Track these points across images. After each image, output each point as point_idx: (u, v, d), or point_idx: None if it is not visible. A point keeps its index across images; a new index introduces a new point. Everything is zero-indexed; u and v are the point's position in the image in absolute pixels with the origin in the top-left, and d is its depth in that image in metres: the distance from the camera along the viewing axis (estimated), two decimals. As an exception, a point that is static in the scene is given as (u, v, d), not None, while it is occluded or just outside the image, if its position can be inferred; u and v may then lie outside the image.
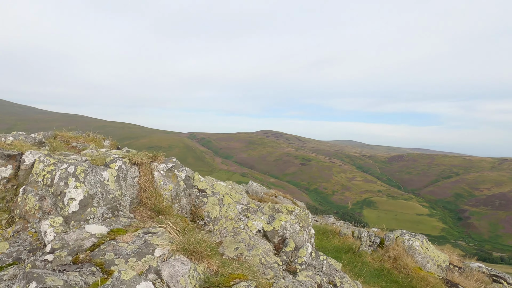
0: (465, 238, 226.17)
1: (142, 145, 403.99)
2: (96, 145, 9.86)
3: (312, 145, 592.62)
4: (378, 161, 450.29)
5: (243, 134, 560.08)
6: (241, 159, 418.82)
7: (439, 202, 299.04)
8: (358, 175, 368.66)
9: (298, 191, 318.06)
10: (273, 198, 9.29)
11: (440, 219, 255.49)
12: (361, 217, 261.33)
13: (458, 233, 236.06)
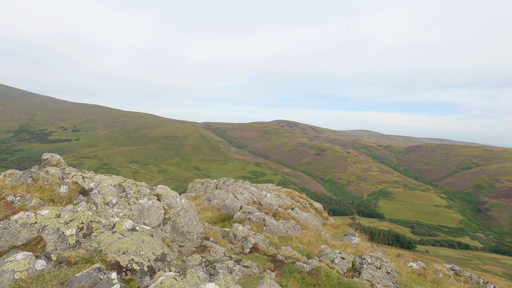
0: (484, 230, 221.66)
1: (157, 135, 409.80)
2: (45, 195, 6.48)
3: (327, 135, 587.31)
4: (395, 152, 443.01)
5: (258, 124, 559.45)
6: (255, 149, 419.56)
7: (457, 193, 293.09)
8: (374, 166, 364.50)
9: (313, 181, 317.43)
10: (289, 212, 9.17)
11: (459, 211, 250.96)
12: (377, 208, 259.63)
13: (477, 225, 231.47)
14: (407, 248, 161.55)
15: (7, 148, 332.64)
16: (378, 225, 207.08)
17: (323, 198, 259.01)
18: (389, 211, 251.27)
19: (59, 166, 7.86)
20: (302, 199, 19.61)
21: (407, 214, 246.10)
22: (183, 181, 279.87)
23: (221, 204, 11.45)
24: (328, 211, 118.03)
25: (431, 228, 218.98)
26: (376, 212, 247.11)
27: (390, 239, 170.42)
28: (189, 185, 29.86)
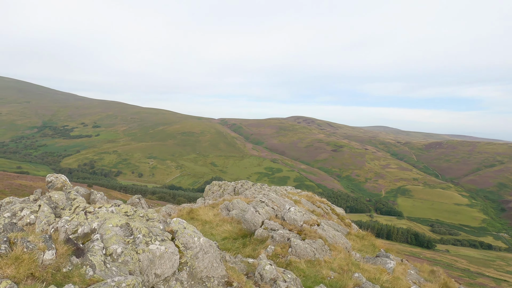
0: (509, 230, 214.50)
1: (175, 131, 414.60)
2: (22, 270, 4.71)
3: (344, 131, 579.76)
4: (414, 148, 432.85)
5: (274, 120, 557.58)
6: (271, 145, 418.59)
7: (480, 192, 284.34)
8: (393, 163, 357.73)
9: (329, 177, 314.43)
10: (315, 230, 8.49)
11: (481, 210, 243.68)
12: (395, 205, 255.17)
13: (500, 224, 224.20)
14: (427, 247, 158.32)
15: (32, 144, 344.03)
16: (396, 223, 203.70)
17: (339, 195, 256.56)
18: (408, 209, 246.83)
19: (64, 189, 6.77)
20: (323, 204, 18.96)
21: (426, 212, 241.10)
22: (199, 177, 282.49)
23: (240, 215, 11.02)
24: (345, 208, 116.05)
25: (451, 227, 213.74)
26: (394, 210, 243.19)
27: (409, 237, 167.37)
28: (207, 187, 29.59)
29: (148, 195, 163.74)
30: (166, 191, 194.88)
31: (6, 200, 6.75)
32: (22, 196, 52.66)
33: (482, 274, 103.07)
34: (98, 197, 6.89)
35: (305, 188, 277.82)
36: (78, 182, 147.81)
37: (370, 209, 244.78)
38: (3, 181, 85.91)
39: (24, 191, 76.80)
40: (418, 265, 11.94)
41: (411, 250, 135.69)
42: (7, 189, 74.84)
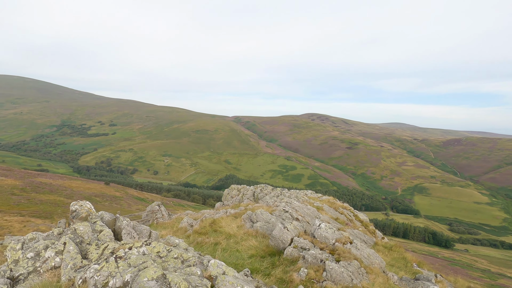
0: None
1: (189, 129, 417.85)
2: None
3: (359, 128, 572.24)
4: (431, 145, 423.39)
5: (288, 117, 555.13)
6: (285, 143, 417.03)
7: (501, 190, 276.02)
8: (409, 160, 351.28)
9: (344, 175, 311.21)
10: (349, 249, 7.94)
11: (502, 208, 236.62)
12: (412, 204, 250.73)
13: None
14: (445, 246, 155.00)
15: (51, 142, 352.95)
16: (413, 221, 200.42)
17: (354, 193, 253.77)
18: (425, 208, 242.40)
19: (90, 219, 6.52)
20: (346, 210, 18.38)
21: (444, 211, 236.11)
22: (214, 174, 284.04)
23: (265, 227, 10.64)
24: (360, 207, 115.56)
25: (471, 226, 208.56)
26: (411, 208, 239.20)
27: (426, 236, 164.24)
28: (225, 191, 29.30)
29: (164, 193, 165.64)
30: (181, 188, 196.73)
31: (29, 237, 6.31)
32: (42, 193, 53.79)
33: (504, 275, 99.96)
34: (124, 224, 6.45)
35: (319, 185, 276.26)
36: (96, 180, 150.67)
37: (386, 207, 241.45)
38: (24, 179, 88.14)
39: (44, 189, 78.64)
40: (451, 279, 11.31)
41: (429, 250, 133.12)
42: (28, 187, 76.71)
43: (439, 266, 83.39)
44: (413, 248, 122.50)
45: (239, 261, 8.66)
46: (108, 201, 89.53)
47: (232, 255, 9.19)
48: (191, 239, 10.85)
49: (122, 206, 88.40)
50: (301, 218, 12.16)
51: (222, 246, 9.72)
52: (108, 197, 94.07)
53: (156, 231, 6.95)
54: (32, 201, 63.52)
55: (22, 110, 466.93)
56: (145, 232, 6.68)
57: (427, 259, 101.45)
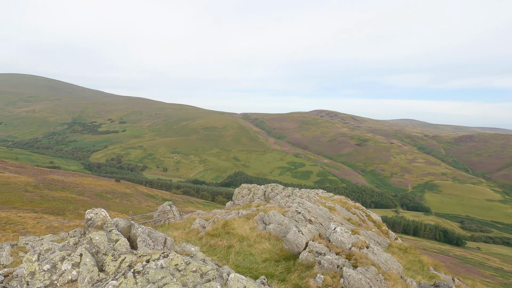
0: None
1: (198, 126, 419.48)
2: None
3: (368, 124, 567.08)
4: (442, 142, 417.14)
5: (296, 114, 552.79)
6: (294, 139, 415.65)
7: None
8: (420, 157, 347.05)
9: (353, 172, 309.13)
10: (366, 254, 7.69)
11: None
12: (422, 201, 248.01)
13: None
14: (456, 244, 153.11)
15: (63, 139, 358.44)
16: (423, 219, 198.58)
17: (364, 190, 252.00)
18: (436, 205, 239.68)
19: (105, 227, 6.46)
20: (358, 210, 18.11)
21: (456, 208, 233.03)
22: (222, 171, 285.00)
23: (278, 229, 10.51)
24: (369, 204, 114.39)
25: (483, 224, 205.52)
26: (421, 205, 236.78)
27: (437, 234, 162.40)
28: (236, 190, 29.21)
29: (173, 190, 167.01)
30: (190, 185, 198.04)
31: (45, 248, 6.21)
32: (54, 190, 54.54)
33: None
34: (139, 232, 6.32)
35: (328, 182, 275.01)
36: (106, 177, 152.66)
37: (395, 204, 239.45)
38: (37, 176, 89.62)
39: (56, 186, 79.83)
40: (469, 282, 11.02)
41: (440, 247, 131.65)
42: (41, 184, 77.95)
43: (451, 264, 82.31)
44: (423, 246, 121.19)
45: (253, 266, 8.55)
46: (119, 198, 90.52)
47: (246, 259, 9.10)
48: (203, 241, 10.81)
49: (132, 203, 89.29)
50: (314, 220, 11.99)
51: (235, 250, 9.63)
52: (119, 194, 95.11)
53: (171, 238, 6.81)
54: (45, 198, 64.56)
55: (34, 108, 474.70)
56: (160, 240, 6.59)
57: (438, 257, 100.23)
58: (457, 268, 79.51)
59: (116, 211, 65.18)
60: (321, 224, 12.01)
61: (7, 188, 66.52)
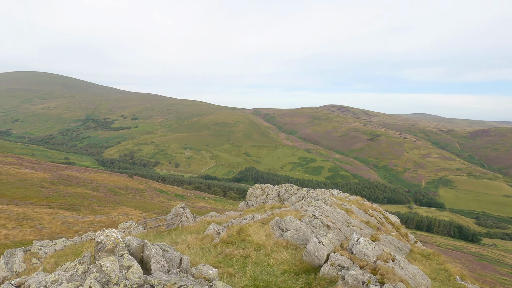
0: None
1: (209, 122, 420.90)
2: None
3: (381, 119, 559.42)
4: (457, 136, 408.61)
5: (308, 109, 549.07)
6: (305, 135, 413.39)
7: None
8: (434, 152, 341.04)
9: (366, 167, 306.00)
10: (392, 268, 7.17)
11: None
12: (436, 196, 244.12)
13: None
14: (471, 241, 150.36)
15: (77, 136, 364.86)
16: (437, 215, 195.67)
17: (376, 186, 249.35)
18: (450, 201, 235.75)
19: (116, 251, 6.05)
20: (376, 212, 17.55)
21: (471, 204, 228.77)
22: (234, 167, 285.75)
23: (295, 237, 10.13)
24: (382, 200, 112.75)
25: (499, 220, 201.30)
26: (435, 201, 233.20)
27: (452, 230, 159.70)
28: (249, 190, 28.89)
29: (185, 185, 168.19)
30: (201, 181, 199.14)
31: (52, 279, 5.76)
32: (69, 186, 55.30)
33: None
34: (153, 253, 5.85)
35: (339, 178, 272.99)
36: (119, 173, 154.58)
37: (409, 200, 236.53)
38: (52, 172, 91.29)
39: (71, 182, 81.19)
40: None
41: (454, 244, 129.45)
42: (56, 180, 79.35)
43: (466, 261, 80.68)
44: (438, 242, 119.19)
45: (271, 279, 8.16)
46: (132, 194, 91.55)
47: (264, 270, 8.68)
48: (219, 249, 10.50)
49: (145, 198, 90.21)
50: (332, 225, 11.57)
51: (252, 260, 9.21)
52: (132, 190, 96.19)
53: (187, 258, 6.38)
54: (60, 194, 65.67)
55: (49, 105, 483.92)
56: (175, 260, 6.27)
57: (453, 254, 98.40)
58: (472, 265, 77.91)
59: (130, 206, 65.93)
60: (339, 230, 11.58)
61: (24, 184, 67.94)
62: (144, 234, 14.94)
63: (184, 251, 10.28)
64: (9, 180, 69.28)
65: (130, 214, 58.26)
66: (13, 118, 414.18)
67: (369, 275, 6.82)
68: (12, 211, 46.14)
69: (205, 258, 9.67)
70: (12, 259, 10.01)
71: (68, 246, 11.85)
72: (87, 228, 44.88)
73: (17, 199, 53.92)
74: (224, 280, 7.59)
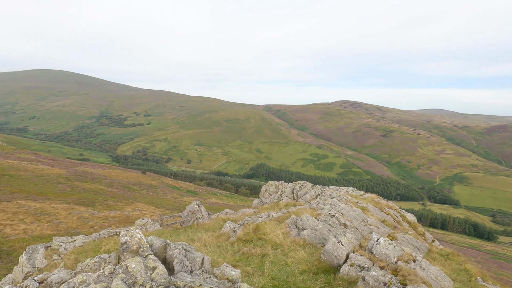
0: None
1: (220, 118, 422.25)
2: None
3: (394, 115, 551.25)
4: (473, 132, 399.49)
5: (319, 105, 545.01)
6: (317, 131, 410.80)
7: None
8: (449, 148, 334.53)
9: (378, 164, 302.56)
10: (414, 270, 7.00)
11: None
12: (451, 194, 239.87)
13: None
14: (487, 239, 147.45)
15: (91, 132, 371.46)
16: (452, 212, 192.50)
17: (389, 182, 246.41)
18: (465, 198, 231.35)
19: (141, 251, 6.13)
20: (392, 211, 17.30)
21: (487, 201, 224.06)
22: (245, 163, 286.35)
23: (312, 236, 10.06)
24: (395, 196, 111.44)
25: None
26: (450, 198, 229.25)
27: (467, 228, 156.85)
28: (263, 188, 28.86)
29: (197, 181, 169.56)
30: (213, 177, 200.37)
31: (80, 280, 5.87)
32: (84, 181, 56.46)
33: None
34: (176, 253, 5.90)
35: (351, 174, 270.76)
36: (133, 169, 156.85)
37: (422, 197, 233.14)
38: (68, 168, 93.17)
39: (86, 178, 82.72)
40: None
41: (470, 242, 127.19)
42: (72, 176, 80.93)
43: (482, 260, 79.10)
44: (452, 240, 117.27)
45: (290, 278, 8.11)
46: (145, 190, 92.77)
47: (282, 269, 8.63)
48: (235, 247, 10.52)
49: (158, 194, 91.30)
50: (349, 224, 11.46)
51: (270, 259, 9.17)
52: (145, 186, 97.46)
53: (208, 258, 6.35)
54: (76, 189, 67.02)
55: (64, 102, 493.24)
56: (197, 260, 6.32)
57: (468, 252, 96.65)
58: (488, 264, 76.36)
59: (143, 202, 66.85)
60: (356, 229, 11.47)
61: (41, 180, 69.58)
62: (161, 231, 15.13)
63: (201, 249, 10.35)
64: (27, 176, 71.04)
65: (143, 209, 59.14)
66: (30, 116, 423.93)
67: (390, 276, 6.70)
68: (30, 206, 47.37)
69: (222, 256, 9.72)
70: (34, 255, 10.30)
71: (87, 242, 12.10)
72: (102, 224, 45.78)
73: (34, 195, 55.28)
74: (243, 279, 7.58)
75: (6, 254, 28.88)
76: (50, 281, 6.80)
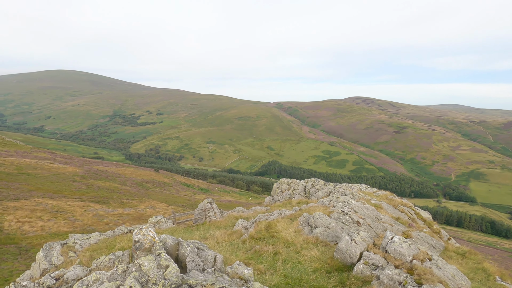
0: None
1: (232, 116, 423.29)
2: None
3: (408, 111, 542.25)
4: (490, 128, 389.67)
5: (331, 101, 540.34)
6: (329, 128, 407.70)
7: None
8: (464, 144, 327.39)
9: (392, 160, 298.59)
10: (430, 268, 6.79)
11: None
12: (467, 190, 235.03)
13: None
14: (505, 236, 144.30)
15: (105, 131, 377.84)
16: (468, 209, 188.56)
17: (403, 179, 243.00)
18: (482, 195, 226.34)
19: (153, 250, 6.19)
20: (406, 208, 17.02)
21: (505, 198, 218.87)
22: (256, 161, 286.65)
23: (325, 234, 9.98)
24: (409, 193, 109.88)
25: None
26: (466, 195, 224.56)
27: (484, 225, 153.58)
28: (275, 185, 28.83)
29: (209, 179, 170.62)
30: (225, 175, 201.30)
31: (93, 278, 5.94)
32: (99, 180, 57.41)
33: None
34: (188, 251, 5.94)
35: (364, 171, 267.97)
36: (146, 167, 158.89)
37: (437, 194, 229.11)
38: (83, 166, 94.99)
39: (100, 176, 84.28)
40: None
41: (487, 240, 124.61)
42: (87, 174, 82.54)
43: (499, 258, 77.23)
44: (468, 238, 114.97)
45: (303, 277, 8.07)
46: (158, 187, 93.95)
47: (294, 268, 8.60)
48: (247, 245, 10.54)
49: (171, 192, 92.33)
50: (362, 221, 11.33)
51: (282, 257, 9.18)
52: (158, 184, 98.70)
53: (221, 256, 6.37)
54: (91, 187, 68.33)
55: (79, 102, 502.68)
56: (210, 259, 6.39)
57: (485, 250, 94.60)
58: (506, 262, 74.49)
59: (156, 200, 67.72)
60: (370, 226, 11.32)
61: (57, 178, 71.19)
62: (174, 229, 15.30)
63: (213, 246, 10.41)
64: (44, 175, 72.77)
65: (156, 207, 59.92)
66: (46, 115, 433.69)
67: (405, 275, 6.58)
68: (47, 204, 48.53)
69: (234, 254, 9.74)
70: (50, 252, 10.57)
71: (102, 240, 12.32)
72: (116, 221, 46.58)
73: (51, 193, 56.57)
74: (255, 278, 7.57)
75: (25, 251, 29.71)
76: (66, 277, 6.96)
